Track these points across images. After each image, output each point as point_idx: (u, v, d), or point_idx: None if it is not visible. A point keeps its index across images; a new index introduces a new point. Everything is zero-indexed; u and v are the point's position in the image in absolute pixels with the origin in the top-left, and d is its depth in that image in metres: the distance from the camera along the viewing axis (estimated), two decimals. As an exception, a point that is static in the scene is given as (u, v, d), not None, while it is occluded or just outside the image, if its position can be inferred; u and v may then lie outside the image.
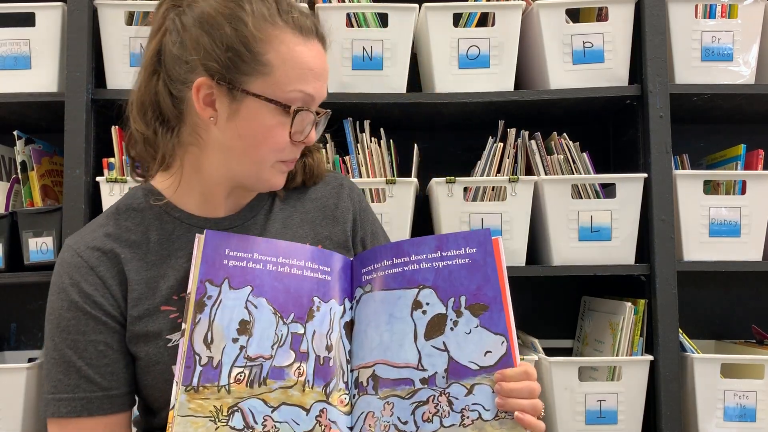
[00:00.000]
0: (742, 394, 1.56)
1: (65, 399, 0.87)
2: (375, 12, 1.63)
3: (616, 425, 1.57)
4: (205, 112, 0.88)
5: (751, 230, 1.63)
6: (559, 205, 1.61)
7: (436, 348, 0.85)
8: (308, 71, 0.88)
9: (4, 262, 1.60)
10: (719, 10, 1.65)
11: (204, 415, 0.80)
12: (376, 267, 0.91)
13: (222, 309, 0.84)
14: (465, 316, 0.85)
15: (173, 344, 0.89)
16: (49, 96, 1.60)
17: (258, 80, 0.86)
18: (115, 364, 0.90)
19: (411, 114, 1.75)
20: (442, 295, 0.87)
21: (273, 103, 0.87)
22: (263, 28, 0.86)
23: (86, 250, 0.92)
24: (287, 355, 0.85)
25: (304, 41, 0.88)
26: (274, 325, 0.85)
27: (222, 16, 0.86)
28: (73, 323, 0.89)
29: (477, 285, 0.86)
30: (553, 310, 1.93)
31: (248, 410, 0.81)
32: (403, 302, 0.88)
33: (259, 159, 0.90)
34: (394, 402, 0.83)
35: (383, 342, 0.86)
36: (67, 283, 0.90)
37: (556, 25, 1.63)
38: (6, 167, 1.80)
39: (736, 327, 1.91)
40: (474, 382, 0.83)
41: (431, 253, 0.89)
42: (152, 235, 0.94)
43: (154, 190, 0.97)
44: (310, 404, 0.83)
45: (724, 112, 1.81)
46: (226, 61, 0.85)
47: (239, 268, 0.87)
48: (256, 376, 0.83)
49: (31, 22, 1.61)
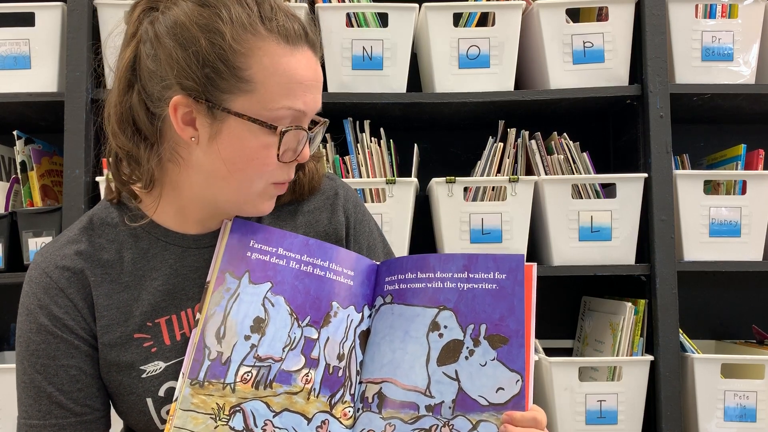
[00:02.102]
0: (742, 394, 1.56)
1: (36, 426, 0.83)
2: (375, 12, 1.63)
3: (617, 425, 1.57)
4: (185, 132, 0.80)
5: (751, 230, 1.63)
6: (559, 205, 1.61)
7: (447, 376, 0.81)
8: (296, 85, 0.79)
9: (4, 262, 1.60)
10: (719, 10, 1.65)
11: (206, 411, 0.78)
12: (399, 278, 0.86)
13: (239, 303, 0.82)
14: (482, 346, 0.80)
15: (147, 375, 0.84)
16: (48, 96, 1.60)
17: (240, 98, 0.77)
18: (89, 389, 0.85)
19: (411, 114, 1.75)
20: (462, 319, 0.82)
21: (257, 123, 0.78)
22: (243, 39, 0.77)
23: (55, 270, 0.85)
24: (297, 359, 0.82)
25: (291, 51, 0.79)
26: (289, 327, 0.83)
27: (197, 26, 0.77)
28: (42, 347, 0.83)
29: (500, 315, 0.81)
30: (553, 310, 1.92)
31: (250, 412, 0.79)
32: (421, 321, 0.83)
33: (244, 184, 0.81)
34: (396, 425, 0.80)
35: (395, 360, 0.83)
36: (36, 304, 0.85)
37: (556, 25, 1.63)
38: (6, 167, 1.80)
39: (736, 327, 1.91)
40: (480, 419, 0.78)
41: (458, 273, 0.84)
42: (126, 254, 0.87)
43: (131, 208, 0.89)
44: (312, 413, 0.81)
45: (724, 112, 1.81)
46: (203, 79, 0.77)
47: (261, 262, 0.84)
48: (263, 378, 0.81)
49: (31, 22, 1.61)
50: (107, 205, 0.91)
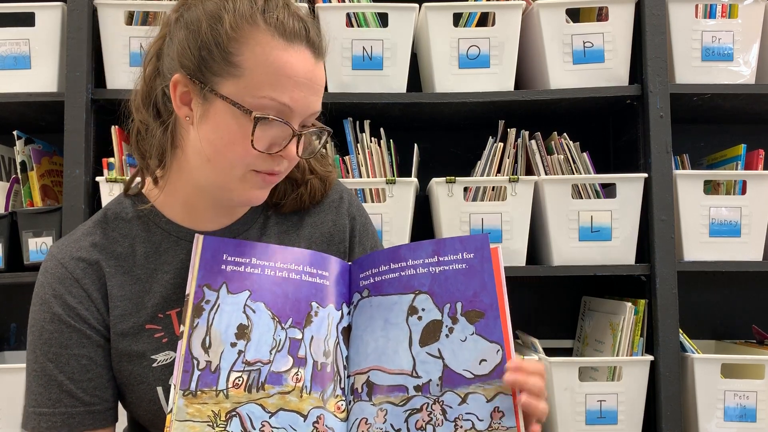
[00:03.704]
0: (742, 394, 1.56)
1: (46, 414, 0.85)
2: (375, 12, 1.63)
3: (617, 425, 1.57)
4: (181, 111, 0.84)
5: (751, 230, 1.63)
6: (559, 205, 1.61)
7: (431, 355, 0.84)
8: (284, 78, 0.80)
9: (4, 262, 1.60)
10: (719, 10, 1.65)
11: (202, 419, 0.79)
12: (373, 272, 0.90)
13: (220, 314, 0.84)
14: (461, 322, 0.84)
15: (158, 365, 0.87)
16: (48, 96, 1.60)
17: (228, 82, 0.80)
18: (99, 379, 0.87)
19: (411, 114, 1.75)
20: (438, 300, 0.86)
21: (237, 107, 0.80)
22: (240, 26, 0.80)
23: (70, 261, 0.88)
24: (285, 360, 0.84)
25: (285, 45, 0.80)
26: (272, 330, 0.84)
27: (205, 13, 0.81)
28: (55, 336, 0.86)
29: (473, 291, 0.85)
30: (553, 310, 1.93)
31: (246, 415, 0.80)
32: (399, 308, 0.86)
33: (225, 168, 0.83)
34: (388, 409, 0.82)
35: (378, 348, 0.86)
36: (50, 294, 0.87)
37: (556, 25, 1.63)
38: (6, 167, 1.80)
39: (736, 327, 1.91)
40: (468, 391, 0.82)
41: (428, 258, 0.88)
42: (139, 248, 0.91)
43: (141, 196, 0.94)
44: (307, 410, 0.82)
45: (724, 112, 1.81)
46: (199, 59, 0.81)
47: (237, 273, 0.86)
48: (255, 381, 0.82)
49: (31, 22, 1.61)
50: (121, 200, 0.95)
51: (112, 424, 0.90)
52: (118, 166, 1.59)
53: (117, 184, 1.56)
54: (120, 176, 1.57)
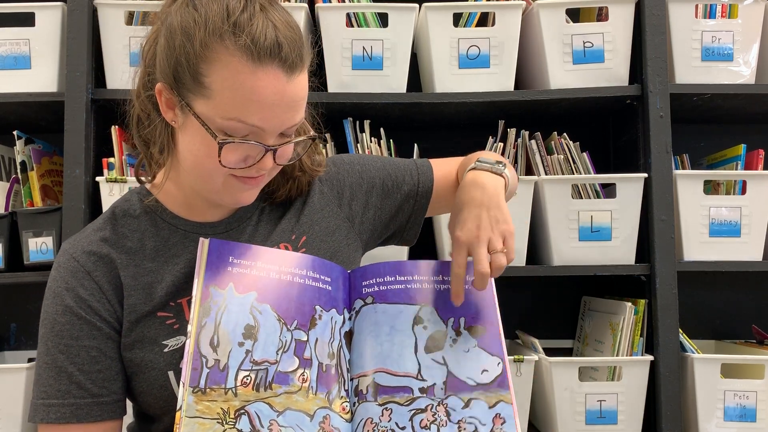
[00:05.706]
0: (742, 394, 1.56)
1: (55, 405, 0.86)
2: (375, 12, 1.63)
3: (616, 425, 1.57)
4: (168, 114, 0.85)
5: (751, 230, 1.63)
6: (559, 205, 1.61)
7: (436, 361, 0.88)
8: (253, 102, 0.79)
9: (4, 262, 1.60)
10: (719, 10, 1.65)
11: (211, 417, 0.80)
12: (378, 281, 0.93)
13: (228, 313, 0.85)
14: (464, 335, 0.90)
15: (169, 350, 0.88)
16: (48, 96, 1.60)
17: (200, 100, 0.81)
18: (108, 371, 0.88)
19: (411, 114, 1.75)
20: (442, 314, 0.91)
21: (205, 128, 0.81)
22: (210, 44, 0.79)
23: (82, 255, 0.90)
24: (291, 360, 0.85)
25: (253, 68, 0.78)
26: (278, 332, 0.86)
27: (180, 25, 0.81)
28: (67, 328, 0.87)
29: (476, 309, 0.91)
30: (553, 310, 1.93)
31: (255, 413, 0.81)
32: (405, 317, 0.91)
33: (205, 176, 0.86)
34: (393, 408, 0.85)
35: (383, 351, 0.88)
36: (63, 287, 0.88)
37: (556, 25, 1.63)
38: (6, 167, 1.80)
39: (736, 327, 1.91)
40: (471, 397, 0.86)
41: (434, 276, 0.94)
42: (148, 242, 0.93)
43: (146, 191, 0.97)
44: (313, 410, 0.83)
45: (724, 112, 1.81)
46: (174, 72, 0.81)
47: (243, 275, 0.88)
48: (262, 380, 0.83)
49: (31, 22, 1.61)
50: (128, 197, 0.97)
51: (120, 417, 0.91)
52: (118, 166, 1.59)
53: (117, 184, 1.56)
54: (120, 176, 1.57)
